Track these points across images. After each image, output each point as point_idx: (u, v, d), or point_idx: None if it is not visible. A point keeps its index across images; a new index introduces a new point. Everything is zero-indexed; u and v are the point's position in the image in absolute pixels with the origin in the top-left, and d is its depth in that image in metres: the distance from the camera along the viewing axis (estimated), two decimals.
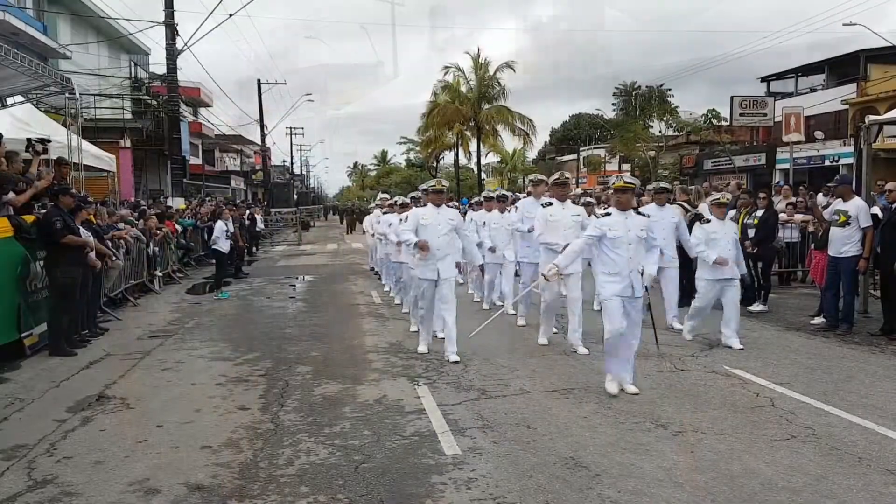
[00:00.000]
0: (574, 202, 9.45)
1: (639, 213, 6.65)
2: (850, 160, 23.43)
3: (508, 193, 12.40)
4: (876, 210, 9.67)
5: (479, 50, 48.31)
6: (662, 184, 10.16)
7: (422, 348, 8.18)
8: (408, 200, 11.51)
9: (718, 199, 8.76)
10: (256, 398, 6.44)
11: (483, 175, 49.77)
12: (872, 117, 11.52)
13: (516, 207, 10.32)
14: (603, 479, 4.45)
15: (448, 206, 8.53)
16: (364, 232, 18.98)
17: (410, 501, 4.18)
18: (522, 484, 4.39)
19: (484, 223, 10.92)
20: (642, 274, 6.38)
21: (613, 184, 6.68)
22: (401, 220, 9.91)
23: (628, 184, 6.53)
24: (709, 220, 8.57)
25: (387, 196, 16.10)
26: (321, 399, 6.37)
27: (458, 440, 5.17)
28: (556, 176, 8.64)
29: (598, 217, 7.24)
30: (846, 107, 31.21)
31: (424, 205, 8.37)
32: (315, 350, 8.52)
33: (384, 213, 13.01)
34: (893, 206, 8.95)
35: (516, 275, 10.75)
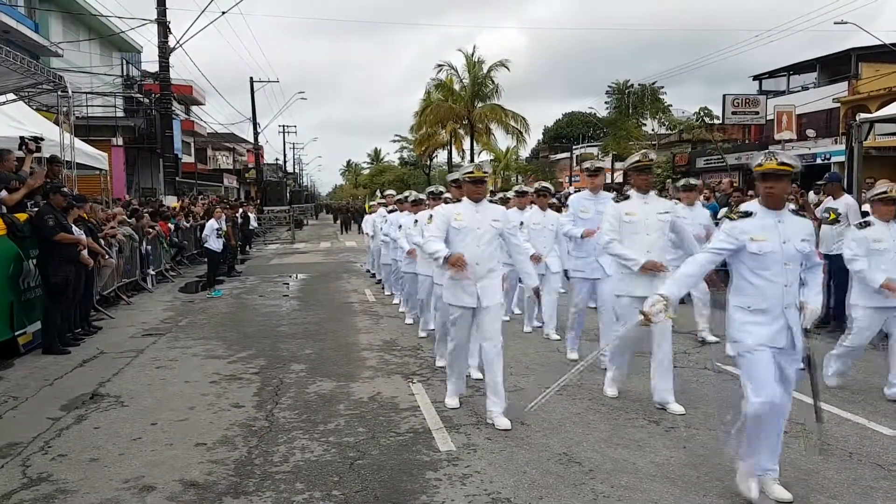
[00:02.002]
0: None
1: (799, 213, 4.34)
2: (842, 158, 23.55)
3: (550, 186, 9.89)
4: (867, 207, 9.74)
5: (474, 48, 48.15)
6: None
7: (451, 401, 5.94)
8: (422, 196, 9.37)
9: (886, 193, 6.16)
10: (251, 396, 6.45)
11: None
12: (864, 115, 11.59)
13: (564, 205, 8.37)
14: (596, 475, 4.48)
15: (490, 201, 6.26)
16: (362, 232, 17.62)
17: (405, 497, 4.20)
18: (516, 480, 4.42)
19: (521, 223, 8.50)
20: (801, 311, 4.17)
21: (759, 164, 4.13)
22: (415, 221, 8.20)
23: (784, 165, 4.06)
24: (868, 223, 6.30)
25: (393, 192, 13.96)
26: (315, 397, 6.38)
27: (453, 437, 5.19)
28: (635, 158, 6.09)
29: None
30: (838, 105, 31.36)
31: (456, 200, 6.18)
32: (309, 348, 8.53)
33: (390, 211, 11.62)
34: None
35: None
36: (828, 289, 9.15)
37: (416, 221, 8.08)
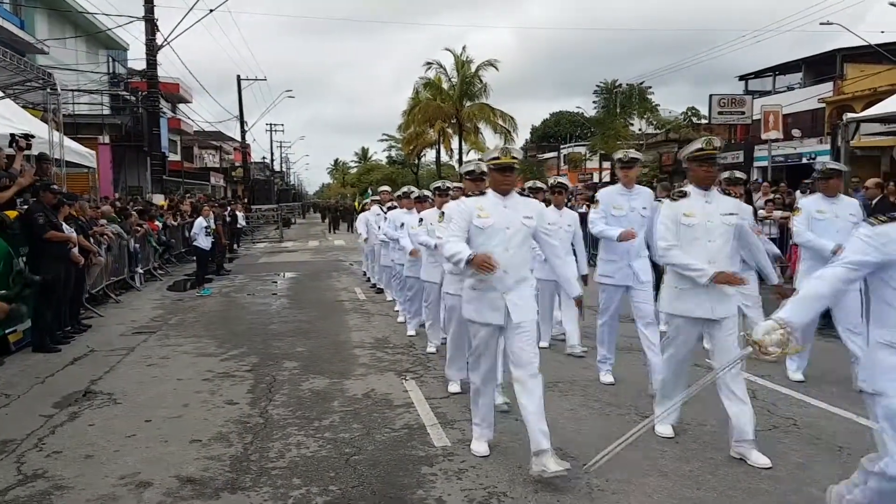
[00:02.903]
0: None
1: None
2: (827, 158, 23.80)
3: (567, 182, 8.56)
4: None
5: (464, 48, 48.14)
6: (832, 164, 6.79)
7: (478, 447, 4.82)
8: (426, 193, 8.51)
9: None
10: (244, 393, 6.46)
11: None
12: (851, 115, 11.73)
13: (590, 202, 7.08)
14: (590, 469, 4.52)
15: (522, 193, 5.43)
16: (355, 232, 15.74)
17: (402, 492, 4.23)
18: (512, 474, 4.46)
19: None
20: None
21: None
22: (420, 220, 7.65)
23: None
24: None
25: (388, 188, 13.44)
26: (309, 393, 6.40)
27: (448, 432, 5.23)
28: (696, 145, 4.92)
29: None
30: (823, 105, 31.62)
31: (478, 193, 4.88)
32: (301, 346, 8.53)
33: (389, 208, 10.74)
34: (873, 202, 9.13)
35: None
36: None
37: (421, 220, 7.50)
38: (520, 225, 4.62)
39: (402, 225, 8.77)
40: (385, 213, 10.87)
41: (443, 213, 5.30)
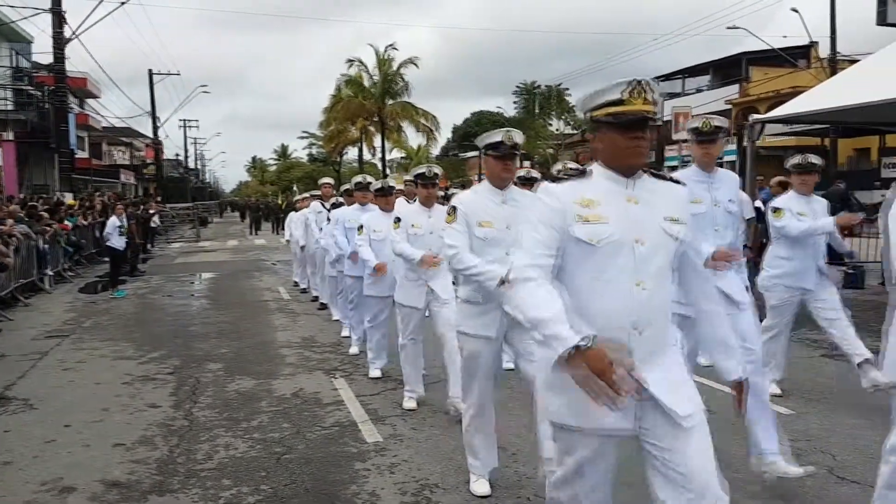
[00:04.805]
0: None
1: None
2: (734, 157, 24.87)
3: (536, 173, 6.09)
4: (758, 203, 10.37)
5: (387, 47, 47.97)
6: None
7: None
8: (391, 183, 6.85)
9: None
10: (167, 395, 6.33)
11: (388, 171, 49.77)
12: (757, 116, 12.31)
13: None
14: (519, 458, 4.65)
15: (660, 175, 2.67)
16: (286, 240, 13.23)
17: (335, 488, 4.25)
18: (444, 466, 4.54)
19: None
20: None
21: None
22: (397, 219, 5.45)
23: None
24: None
25: (330, 181, 10.52)
26: (236, 395, 6.32)
27: (379, 428, 5.27)
28: None
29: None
30: (729, 107, 33.01)
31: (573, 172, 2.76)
32: (224, 347, 8.39)
33: (333, 205, 8.82)
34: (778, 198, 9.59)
35: None
36: None
37: (399, 220, 5.39)
38: (660, 234, 2.46)
39: (361, 227, 6.49)
40: (328, 210, 8.96)
41: (454, 207, 3.87)
